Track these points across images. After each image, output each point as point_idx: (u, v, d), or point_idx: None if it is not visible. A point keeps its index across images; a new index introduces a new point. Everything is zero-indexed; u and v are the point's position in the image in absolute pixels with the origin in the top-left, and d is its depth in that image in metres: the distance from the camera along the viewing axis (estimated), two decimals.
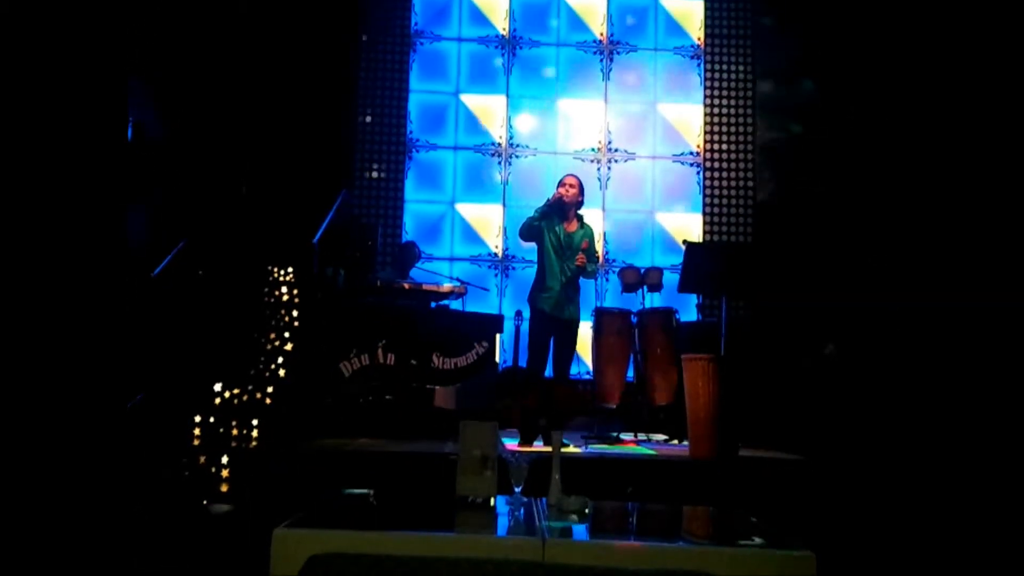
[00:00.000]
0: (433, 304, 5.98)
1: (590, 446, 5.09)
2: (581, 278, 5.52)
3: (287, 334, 5.89)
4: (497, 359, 6.19)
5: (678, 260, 6.25)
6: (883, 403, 5.54)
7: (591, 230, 5.52)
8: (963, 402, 5.49)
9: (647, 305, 6.21)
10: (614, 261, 7.50)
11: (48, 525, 3.44)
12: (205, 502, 3.74)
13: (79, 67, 5.26)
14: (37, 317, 4.89)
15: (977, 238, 6.38)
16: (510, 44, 7.76)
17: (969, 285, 6.17)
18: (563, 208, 5.29)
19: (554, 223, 5.31)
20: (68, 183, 5.17)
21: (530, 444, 4.78)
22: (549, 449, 3.36)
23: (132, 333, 5.21)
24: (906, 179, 7.12)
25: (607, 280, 7.46)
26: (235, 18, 7.00)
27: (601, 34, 7.81)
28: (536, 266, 5.67)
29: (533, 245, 5.64)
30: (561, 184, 5.38)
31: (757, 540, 2.14)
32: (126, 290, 5.33)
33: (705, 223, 7.58)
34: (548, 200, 5.32)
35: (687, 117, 7.74)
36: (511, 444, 4.70)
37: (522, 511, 2.37)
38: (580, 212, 5.52)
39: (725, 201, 7.60)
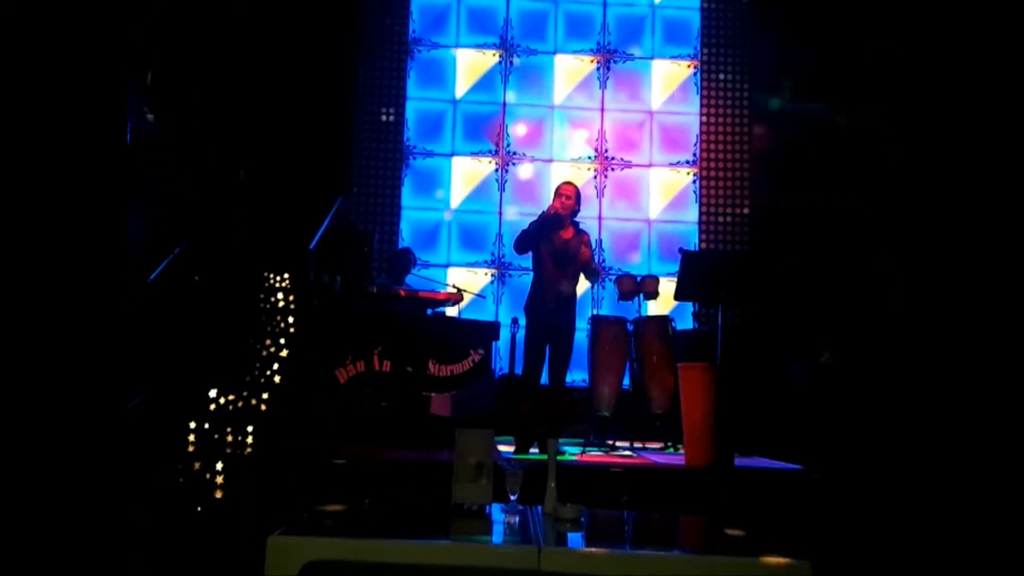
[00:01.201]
0: (429, 311, 5.98)
1: (586, 454, 5.08)
2: (583, 276, 5.44)
3: (283, 340, 5.87)
4: (493, 366, 6.19)
5: (674, 268, 6.26)
6: (879, 411, 5.54)
7: (589, 236, 5.44)
8: (960, 409, 5.50)
9: (643, 313, 6.21)
10: (610, 269, 7.51)
11: (46, 528, 3.42)
12: (200, 509, 3.72)
13: (78, 69, 5.25)
14: (36, 320, 4.88)
15: (975, 240, 6.40)
16: (508, 52, 7.79)
17: (965, 289, 6.20)
18: (559, 221, 5.24)
19: (550, 232, 5.28)
20: (67, 186, 5.16)
21: (525, 451, 4.77)
22: (545, 457, 3.36)
23: (129, 338, 5.19)
24: (902, 185, 7.15)
25: (603, 288, 7.48)
26: (233, 23, 7.01)
27: (598, 42, 7.83)
28: (532, 274, 5.66)
29: (529, 254, 5.62)
30: (557, 195, 5.33)
31: (753, 549, 2.14)
32: (124, 294, 5.32)
33: (701, 231, 7.60)
34: (543, 213, 5.26)
35: (683, 126, 7.77)
36: (505, 449, 4.70)
37: (517, 519, 2.37)
38: (576, 219, 5.48)
39: (721, 209, 7.63)
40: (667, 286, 6.24)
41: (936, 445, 5.18)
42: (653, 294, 6.25)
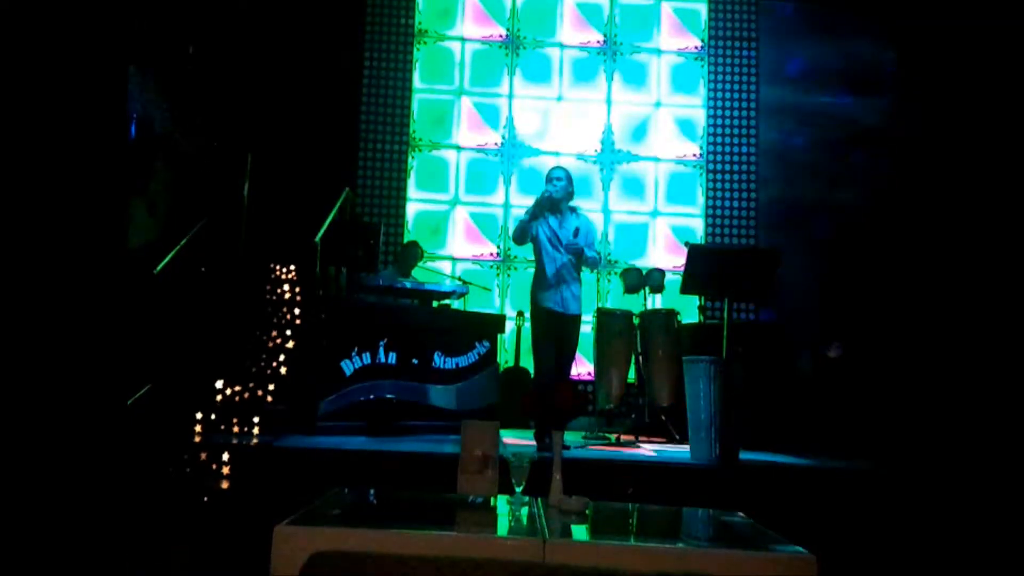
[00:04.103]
0: (435, 303, 5.98)
1: (591, 447, 5.09)
2: (585, 269, 5.32)
3: (289, 332, 5.88)
4: (498, 359, 6.19)
5: (680, 262, 6.25)
6: (886, 406, 5.53)
7: (587, 218, 5.30)
8: (966, 405, 5.48)
9: (649, 306, 6.21)
10: (616, 262, 7.50)
11: (49, 521, 3.44)
12: (206, 499, 3.74)
13: (78, 61, 5.24)
14: (36, 314, 4.89)
15: (986, 238, 6.39)
16: (514, 44, 7.76)
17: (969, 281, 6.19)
18: (554, 204, 5.12)
19: (547, 218, 5.13)
20: (68, 177, 5.15)
21: (546, 446, 4.63)
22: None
23: (134, 330, 5.20)
24: (910, 181, 7.12)
25: (609, 281, 7.47)
26: (241, 16, 7.00)
27: (605, 34, 7.81)
28: (535, 264, 5.57)
29: (530, 245, 5.51)
30: (548, 180, 5.19)
31: (758, 543, 2.14)
32: (127, 286, 5.33)
33: (707, 225, 7.58)
34: (537, 199, 5.14)
35: (690, 118, 7.74)
36: (515, 443, 4.69)
37: (523, 511, 2.37)
38: (574, 204, 5.30)
39: (727, 203, 7.61)
40: (673, 280, 6.24)
41: (943, 441, 5.17)
42: (659, 288, 6.26)
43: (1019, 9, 6.21)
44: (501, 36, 7.76)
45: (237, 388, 5.29)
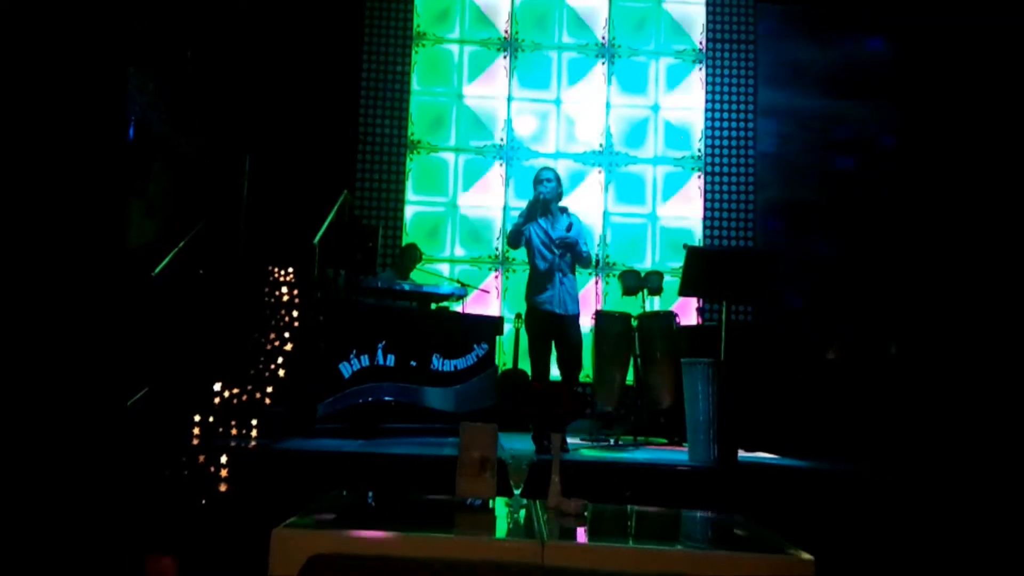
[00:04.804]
0: (433, 306, 5.98)
1: (589, 449, 5.09)
2: (581, 270, 5.29)
3: (287, 334, 5.88)
4: (497, 361, 6.19)
5: (679, 264, 6.25)
6: (884, 407, 5.54)
7: (577, 217, 5.28)
8: (963, 408, 5.49)
9: (647, 308, 6.22)
10: (615, 264, 7.50)
11: (47, 522, 3.44)
12: (204, 502, 3.73)
13: (77, 63, 5.24)
14: (35, 316, 4.88)
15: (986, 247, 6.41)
16: (512, 46, 7.77)
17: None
18: (545, 205, 5.11)
19: (538, 219, 5.12)
20: (67, 180, 5.15)
21: (546, 450, 4.63)
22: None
23: (132, 332, 5.20)
24: (909, 183, 7.13)
25: (607, 284, 7.48)
26: (240, 18, 7.01)
27: (603, 37, 7.82)
28: (529, 266, 5.56)
29: (524, 249, 5.48)
30: (538, 181, 5.18)
31: (756, 544, 2.14)
32: (125, 288, 5.32)
33: (706, 227, 7.59)
34: (529, 202, 5.14)
35: (688, 120, 7.75)
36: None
37: (521, 513, 2.37)
38: (563, 204, 5.28)
39: (726, 205, 7.61)
40: (671, 282, 6.25)
41: (941, 443, 5.17)
42: (657, 290, 6.26)
43: (1019, 11, 6.22)
44: (499, 39, 7.77)
45: (235, 390, 5.29)
